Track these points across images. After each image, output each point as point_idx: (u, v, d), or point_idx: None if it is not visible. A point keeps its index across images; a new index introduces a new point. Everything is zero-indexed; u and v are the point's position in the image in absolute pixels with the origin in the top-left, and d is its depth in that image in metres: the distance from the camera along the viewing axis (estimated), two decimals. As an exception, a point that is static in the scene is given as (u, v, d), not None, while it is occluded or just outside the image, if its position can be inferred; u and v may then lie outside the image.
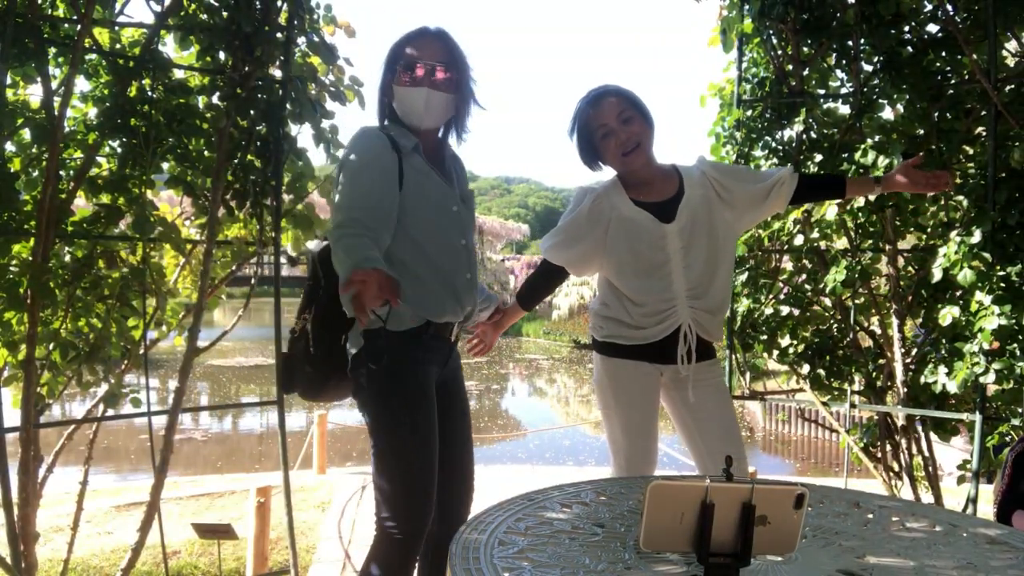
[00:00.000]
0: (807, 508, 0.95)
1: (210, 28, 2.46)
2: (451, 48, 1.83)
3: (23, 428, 2.22)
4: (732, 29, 3.11)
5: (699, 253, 2.00)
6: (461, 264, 1.85)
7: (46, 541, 3.61)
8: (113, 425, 7.37)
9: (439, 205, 1.82)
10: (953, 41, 2.66)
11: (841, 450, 3.48)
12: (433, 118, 1.83)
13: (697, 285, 2.01)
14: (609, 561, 0.99)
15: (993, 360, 2.46)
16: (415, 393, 1.75)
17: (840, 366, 2.99)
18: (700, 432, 2.07)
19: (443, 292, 1.81)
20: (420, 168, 1.80)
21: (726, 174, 2.09)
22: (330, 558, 3.47)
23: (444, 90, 1.80)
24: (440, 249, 1.81)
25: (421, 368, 1.78)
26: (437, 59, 1.79)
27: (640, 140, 2.00)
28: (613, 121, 1.99)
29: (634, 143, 1.99)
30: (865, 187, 2.18)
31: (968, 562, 1.02)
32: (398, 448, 1.74)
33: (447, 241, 1.83)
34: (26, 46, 2.15)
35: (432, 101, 1.79)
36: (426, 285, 1.78)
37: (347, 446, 9.28)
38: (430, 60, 1.79)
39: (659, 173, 2.07)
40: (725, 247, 2.06)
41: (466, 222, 1.89)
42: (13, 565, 2.18)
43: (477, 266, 1.94)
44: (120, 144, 2.41)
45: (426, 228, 1.78)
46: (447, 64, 1.80)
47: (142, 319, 2.48)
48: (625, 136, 1.98)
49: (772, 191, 2.06)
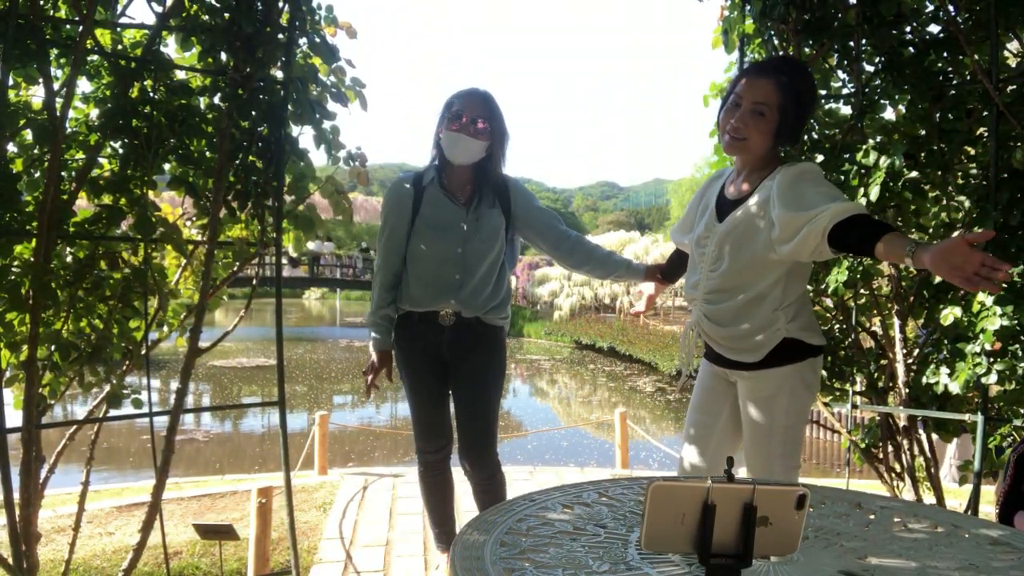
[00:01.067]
0: (808, 509, 0.95)
1: (211, 29, 2.46)
2: (490, 105, 2.43)
3: (25, 429, 2.23)
4: (734, 30, 3.11)
5: (725, 263, 1.92)
6: (452, 268, 2.45)
7: (48, 541, 3.62)
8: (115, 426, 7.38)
9: (444, 223, 2.45)
10: (955, 41, 2.66)
11: (842, 451, 3.48)
12: (462, 158, 2.42)
13: (713, 291, 1.96)
14: (611, 562, 0.99)
15: (995, 361, 2.46)
16: (401, 362, 2.59)
17: (842, 367, 2.99)
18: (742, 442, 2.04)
19: (431, 288, 2.45)
20: (434, 196, 2.48)
21: (784, 190, 1.82)
22: (332, 559, 3.47)
23: (479, 138, 2.40)
24: (435, 255, 2.45)
25: (408, 344, 2.55)
26: (477, 114, 2.39)
27: (752, 139, 1.86)
28: (747, 103, 1.84)
29: (742, 135, 1.86)
30: (896, 253, 1.58)
31: (970, 563, 1.02)
32: (407, 398, 2.62)
33: (443, 250, 2.45)
34: (28, 47, 2.15)
35: (466, 146, 2.39)
36: (420, 281, 2.46)
37: (348, 447, 9.28)
38: (471, 114, 2.38)
39: (756, 168, 1.93)
40: (757, 269, 1.88)
41: (470, 235, 2.45)
42: (15, 565, 2.19)
43: (478, 268, 2.46)
44: (122, 145, 2.41)
45: (427, 239, 2.46)
46: (486, 118, 2.40)
47: (144, 320, 2.49)
48: (740, 123, 1.85)
49: (804, 227, 1.74)
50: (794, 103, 1.83)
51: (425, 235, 2.46)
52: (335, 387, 15.12)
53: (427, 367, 2.55)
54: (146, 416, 2.49)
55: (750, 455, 1.99)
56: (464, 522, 3.31)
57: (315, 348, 21.98)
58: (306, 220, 2.75)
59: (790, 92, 1.82)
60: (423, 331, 2.51)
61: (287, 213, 2.70)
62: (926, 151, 2.76)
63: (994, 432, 2.74)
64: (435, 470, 2.66)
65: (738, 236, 1.89)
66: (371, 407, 13.19)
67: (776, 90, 1.81)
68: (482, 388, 2.54)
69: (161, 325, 2.65)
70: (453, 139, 2.38)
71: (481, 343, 2.52)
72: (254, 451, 9.62)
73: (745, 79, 1.85)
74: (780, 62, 1.88)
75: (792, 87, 1.82)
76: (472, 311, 2.47)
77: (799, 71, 1.89)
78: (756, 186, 1.91)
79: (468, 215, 2.46)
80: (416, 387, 2.57)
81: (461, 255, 2.45)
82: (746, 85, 1.84)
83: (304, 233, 2.76)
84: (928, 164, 2.75)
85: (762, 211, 1.85)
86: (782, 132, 1.85)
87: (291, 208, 2.72)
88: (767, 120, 1.83)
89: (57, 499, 4.33)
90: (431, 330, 2.48)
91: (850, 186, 2.70)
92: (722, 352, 2.01)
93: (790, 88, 1.82)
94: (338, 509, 4.26)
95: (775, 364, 1.93)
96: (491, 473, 2.58)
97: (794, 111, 1.84)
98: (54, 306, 2.29)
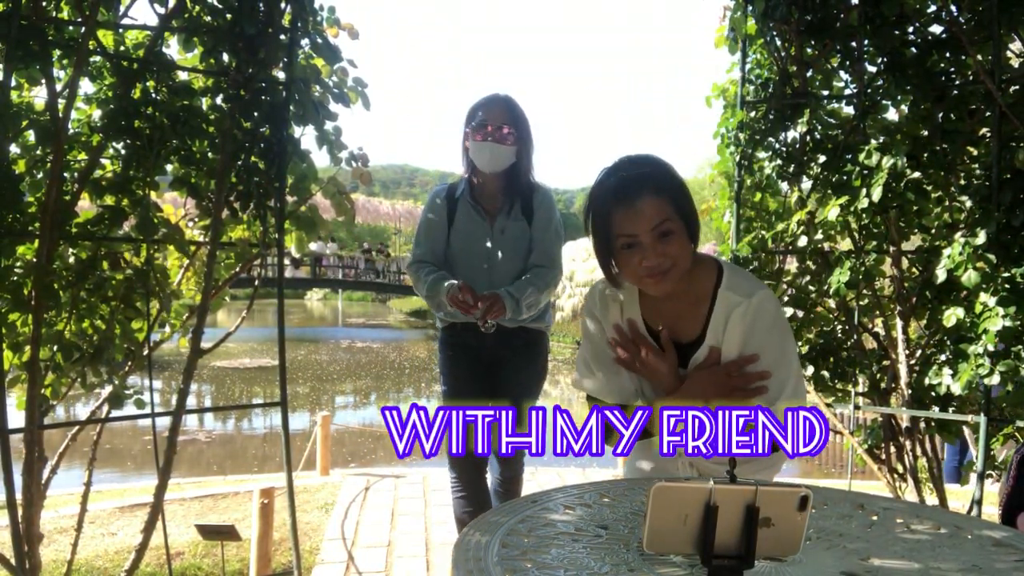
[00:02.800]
0: (811, 510, 0.94)
1: (213, 30, 2.46)
2: (513, 110, 2.48)
3: (27, 429, 2.23)
4: (738, 30, 3.11)
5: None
6: (481, 283, 2.48)
7: (50, 542, 3.62)
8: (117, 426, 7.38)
9: (471, 238, 2.56)
10: (957, 42, 2.65)
11: (845, 452, 3.47)
12: (493, 166, 2.48)
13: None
14: (612, 563, 0.99)
15: (998, 362, 2.45)
16: (444, 368, 2.69)
17: (844, 367, 2.99)
18: None
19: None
20: (464, 211, 2.57)
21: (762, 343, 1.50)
22: (333, 559, 3.47)
23: (507, 143, 2.44)
24: (465, 269, 2.55)
25: (451, 352, 2.67)
26: (502, 120, 2.44)
27: (676, 263, 1.45)
28: (645, 235, 1.42)
29: (667, 267, 1.44)
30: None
31: (973, 564, 1.02)
32: (444, 401, 2.70)
33: (472, 264, 2.55)
34: (30, 48, 2.15)
35: (495, 154, 2.44)
36: None
37: (350, 448, 9.28)
38: (496, 121, 2.44)
39: (688, 300, 1.54)
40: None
41: (493, 252, 2.54)
42: (17, 566, 2.19)
43: (505, 282, 2.51)
44: (124, 146, 2.42)
45: (458, 253, 2.58)
46: (511, 123, 2.45)
47: (146, 320, 2.49)
48: (657, 259, 1.43)
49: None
50: (679, 190, 1.46)
51: (456, 250, 2.58)
52: (337, 388, 15.12)
53: (469, 374, 2.65)
54: (148, 417, 2.49)
55: None
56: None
57: (317, 349, 21.98)
58: (308, 221, 2.75)
59: (667, 185, 1.45)
60: (466, 340, 2.61)
61: (289, 214, 2.70)
62: (928, 152, 2.76)
63: (996, 433, 2.73)
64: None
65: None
66: (373, 408, 13.19)
67: (659, 200, 1.43)
68: (518, 393, 2.60)
69: (163, 326, 2.66)
70: (481, 149, 2.44)
71: (521, 349, 2.61)
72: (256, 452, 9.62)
73: (616, 216, 1.44)
74: (629, 176, 1.45)
75: (663, 178, 1.46)
76: (511, 321, 2.52)
77: (647, 161, 1.49)
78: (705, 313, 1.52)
79: (494, 230, 2.55)
80: (454, 394, 2.65)
81: (487, 271, 2.54)
82: (623, 220, 1.43)
83: (306, 234, 2.76)
84: (930, 165, 2.74)
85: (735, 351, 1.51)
86: (692, 228, 1.47)
87: (293, 209, 2.72)
88: (676, 232, 1.44)
89: (59, 500, 4.34)
90: (474, 338, 2.55)
91: (852, 187, 2.70)
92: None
93: (663, 181, 1.46)
94: (340, 510, 4.26)
95: None
96: (513, 474, 2.67)
97: (685, 195, 1.47)
98: (56, 307, 2.29)
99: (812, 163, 2.94)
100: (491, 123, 2.42)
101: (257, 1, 2.46)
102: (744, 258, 3.10)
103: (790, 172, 3.01)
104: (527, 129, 2.50)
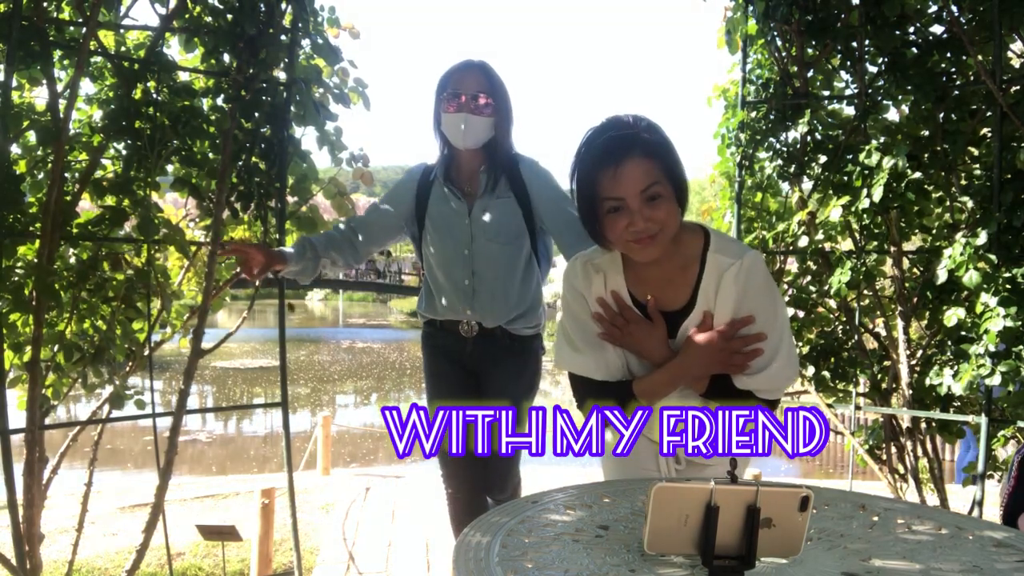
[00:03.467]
0: (812, 510, 0.94)
1: (214, 30, 2.46)
2: (490, 77, 2.13)
3: (28, 429, 2.23)
4: (737, 30, 3.11)
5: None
6: (461, 272, 2.20)
7: (51, 542, 3.62)
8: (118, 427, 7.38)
9: (448, 222, 2.21)
10: (958, 42, 2.65)
11: (846, 452, 3.46)
12: (471, 140, 2.12)
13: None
14: (613, 564, 0.99)
15: (999, 362, 2.45)
16: (426, 370, 2.39)
17: (845, 368, 2.98)
18: None
19: (446, 296, 2.23)
20: (438, 193, 2.22)
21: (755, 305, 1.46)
22: (334, 560, 3.47)
23: (484, 115, 2.11)
24: (443, 260, 2.22)
25: (432, 352, 2.36)
26: (477, 89, 2.10)
27: (664, 228, 1.39)
28: (633, 199, 1.36)
29: (654, 231, 1.38)
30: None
31: (975, 565, 1.02)
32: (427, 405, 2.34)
33: (451, 253, 2.21)
34: (32, 49, 2.15)
35: (471, 127, 2.10)
36: (435, 288, 2.27)
37: (351, 448, 9.28)
38: (470, 90, 2.10)
39: (676, 266, 1.49)
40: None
41: (476, 234, 2.17)
42: (18, 566, 2.19)
43: (490, 271, 2.19)
44: (125, 146, 2.42)
45: (435, 243, 2.23)
46: (487, 92, 2.11)
47: (147, 321, 2.49)
48: (644, 224, 1.37)
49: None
50: (668, 152, 1.40)
51: (434, 237, 2.23)
52: (338, 388, 15.13)
53: (452, 377, 2.34)
54: (149, 417, 2.49)
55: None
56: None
57: (318, 349, 21.99)
58: (309, 221, 2.76)
59: (656, 147, 1.38)
60: (446, 342, 2.31)
61: (290, 214, 2.70)
62: (929, 152, 2.76)
63: (997, 434, 2.73)
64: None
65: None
66: (374, 408, 13.19)
67: (647, 162, 1.36)
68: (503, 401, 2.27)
69: (164, 326, 2.66)
70: (454, 121, 2.10)
71: (507, 356, 2.26)
72: (257, 452, 9.62)
73: (602, 178, 1.37)
74: (616, 136, 1.38)
75: (652, 139, 1.39)
76: (492, 320, 2.22)
77: (636, 121, 1.41)
78: (693, 280, 1.48)
79: (473, 210, 2.18)
80: (436, 395, 2.36)
81: (468, 257, 2.19)
82: (610, 183, 1.36)
83: (307, 234, 2.76)
84: (932, 165, 2.74)
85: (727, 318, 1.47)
86: (681, 192, 1.41)
87: (294, 209, 2.72)
88: (664, 196, 1.37)
89: (60, 500, 4.34)
90: (454, 341, 2.27)
91: (853, 187, 2.70)
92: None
93: (652, 143, 1.38)
94: (340, 510, 4.26)
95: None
96: (508, 497, 2.31)
97: (674, 157, 1.40)
98: (57, 307, 2.30)
99: (813, 163, 2.94)
100: (465, 92, 2.09)
101: (258, 2, 2.47)
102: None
103: (791, 172, 3.01)
104: (506, 98, 2.17)
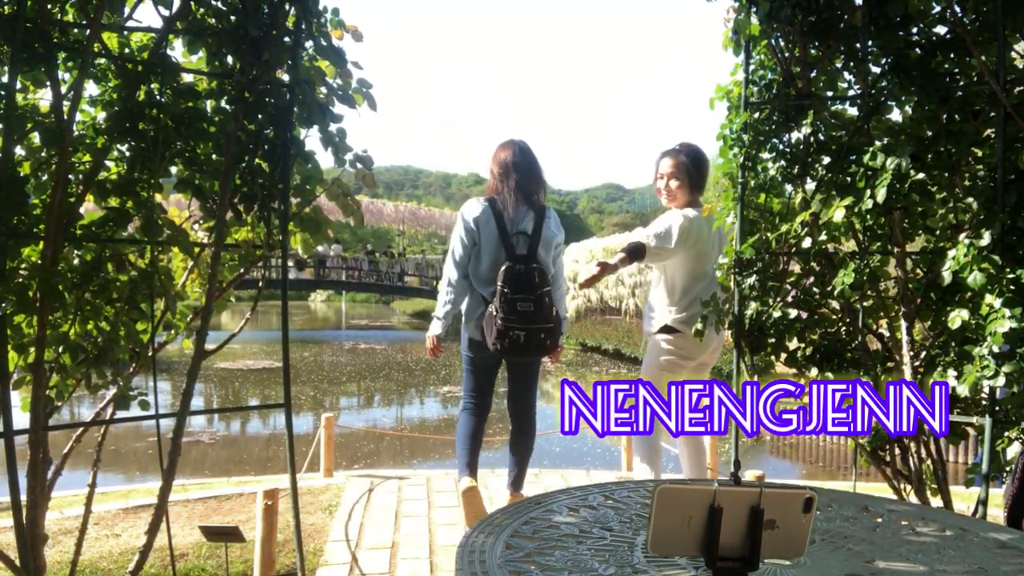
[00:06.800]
0: (816, 512, 0.94)
1: (218, 32, 2.47)
2: (540, 176, 3.56)
3: (32, 430, 2.23)
4: (742, 31, 3.10)
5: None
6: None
7: (54, 543, 3.63)
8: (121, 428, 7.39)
9: (492, 244, 3.37)
10: (961, 43, 2.64)
11: (849, 453, 3.46)
12: (523, 223, 3.43)
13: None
14: (617, 565, 0.99)
15: (1003, 363, 2.44)
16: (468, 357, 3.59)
17: (848, 369, 2.98)
18: None
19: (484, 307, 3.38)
20: (487, 223, 3.40)
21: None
22: (337, 561, 3.47)
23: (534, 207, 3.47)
24: (484, 278, 3.38)
25: (474, 348, 3.51)
26: (533, 189, 3.48)
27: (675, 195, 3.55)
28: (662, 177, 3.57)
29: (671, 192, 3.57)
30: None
31: (979, 567, 1.02)
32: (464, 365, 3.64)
33: (490, 271, 3.34)
34: (36, 51, 2.16)
35: (525, 213, 3.44)
36: (476, 298, 3.42)
37: (354, 449, 9.29)
38: (526, 189, 3.45)
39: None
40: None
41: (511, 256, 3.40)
42: (21, 567, 2.19)
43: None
44: (128, 148, 2.42)
45: (483, 260, 3.40)
46: (538, 191, 3.53)
47: (150, 322, 2.49)
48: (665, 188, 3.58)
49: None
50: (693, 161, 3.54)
51: (481, 256, 3.42)
52: (341, 389, 15.14)
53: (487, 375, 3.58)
54: (152, 418, 2.49)
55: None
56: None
57: (321, 350, 22.00)
58: (312, 222, 2.76)
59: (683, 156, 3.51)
60: (483, 356, 3.49)
61: (293, 216, 2.70)
62: (933, 153, 2.75)
63: (1001, 435, 2.72)
64: (474, 413, 3.55)
65: None
66: (377, 409, 13.19)
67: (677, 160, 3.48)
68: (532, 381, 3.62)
69: (168, 327, 2.66)
70: (513, 205, 3.39)
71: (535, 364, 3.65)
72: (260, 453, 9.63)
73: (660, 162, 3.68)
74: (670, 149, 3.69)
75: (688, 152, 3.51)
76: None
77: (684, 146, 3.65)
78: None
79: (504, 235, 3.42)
80: (474, 365, 3.53)
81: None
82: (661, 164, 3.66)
83: (311, 235, 2.76)
84: (935, 166, 2.73)
85: None
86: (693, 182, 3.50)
87: (297, 211, 2.72)
88: (681, 180, 3.49)
89: (64, 501, 4.35)
90: (490, 358, 3.49)
91: (856, 188, 2.69)
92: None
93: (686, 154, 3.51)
94: (344, 511, 4.26)
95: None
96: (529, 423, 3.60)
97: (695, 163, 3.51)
98: (61, 308, 2.30)
99: (816, 164, 2.93)
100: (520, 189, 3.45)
101: (261, 3, 2.47)
102: (748, 259, 3.10)
103: (794, 173, 3.01)
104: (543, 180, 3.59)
